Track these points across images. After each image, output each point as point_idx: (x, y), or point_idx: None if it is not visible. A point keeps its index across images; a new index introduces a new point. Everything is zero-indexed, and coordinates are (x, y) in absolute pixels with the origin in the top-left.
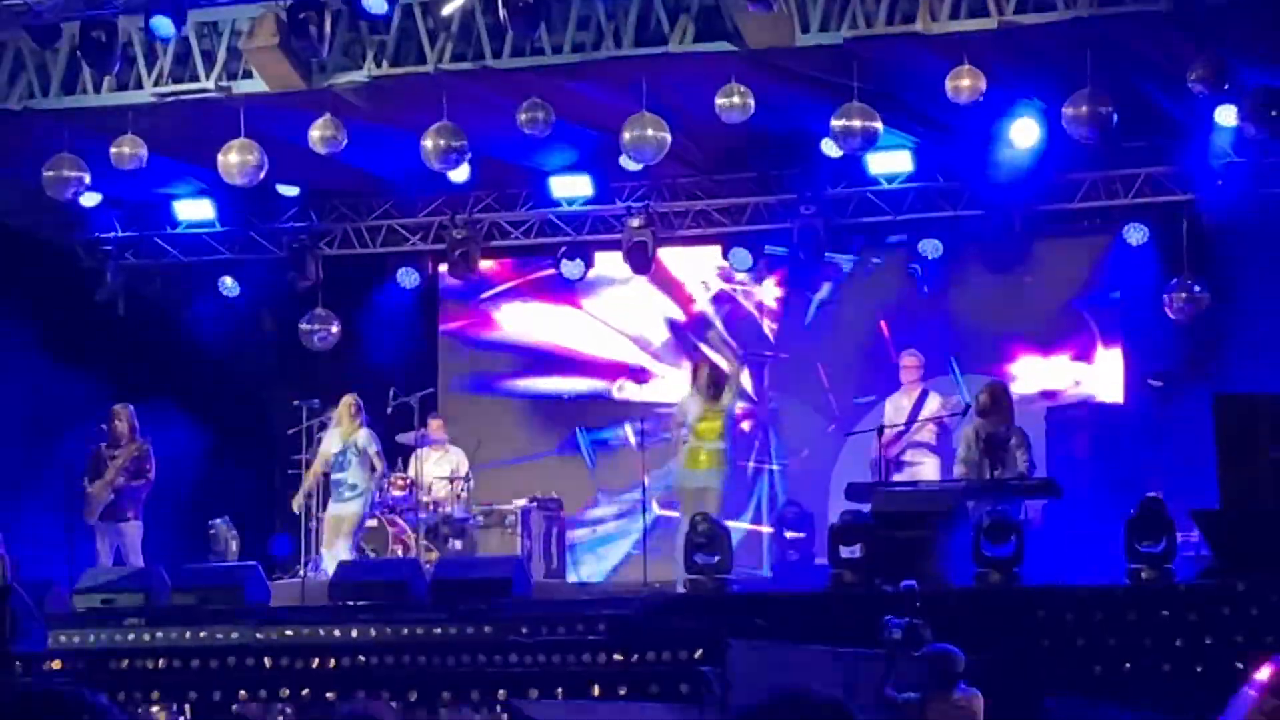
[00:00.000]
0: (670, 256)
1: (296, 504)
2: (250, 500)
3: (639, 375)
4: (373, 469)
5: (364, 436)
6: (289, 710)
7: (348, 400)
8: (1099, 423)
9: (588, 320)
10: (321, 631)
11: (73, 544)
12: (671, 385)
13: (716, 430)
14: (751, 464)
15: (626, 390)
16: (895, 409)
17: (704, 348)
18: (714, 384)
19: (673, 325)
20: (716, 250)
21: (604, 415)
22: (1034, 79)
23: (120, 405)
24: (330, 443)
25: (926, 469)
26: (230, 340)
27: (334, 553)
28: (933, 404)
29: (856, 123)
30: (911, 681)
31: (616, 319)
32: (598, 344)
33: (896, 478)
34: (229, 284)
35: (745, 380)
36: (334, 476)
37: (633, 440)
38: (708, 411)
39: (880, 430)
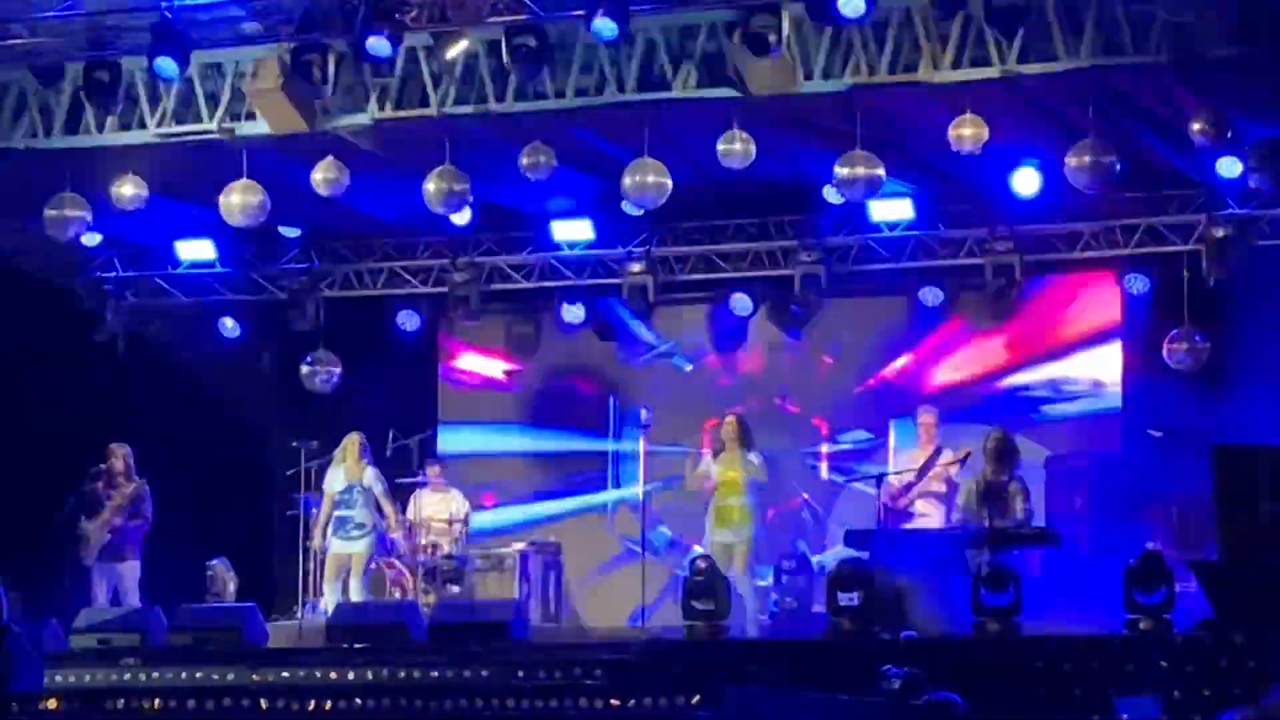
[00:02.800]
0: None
1: (316, 544)
2: (248, 541)
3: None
4: (378, 508)
5: (370, 475)
6: None
7: (353, 439)
8: (1098, 473)
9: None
10: (319, 673)
11: (70, 584)
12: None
13: (740, 484)
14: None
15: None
16: (909, 460)
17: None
18: (745, 437)
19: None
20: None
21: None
22: (1036, 128)
23: (117, 444)
24: (334, 481)
25: (933, 520)
26: (230, 381)
27: (337, 591)
28: (945, 459)
29: (859, 170)
30: None
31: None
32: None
33: (905, 527)
34: (229, 325)
35: None
36: (339, 514)
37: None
38: (731, 465)
39: (880, 478)
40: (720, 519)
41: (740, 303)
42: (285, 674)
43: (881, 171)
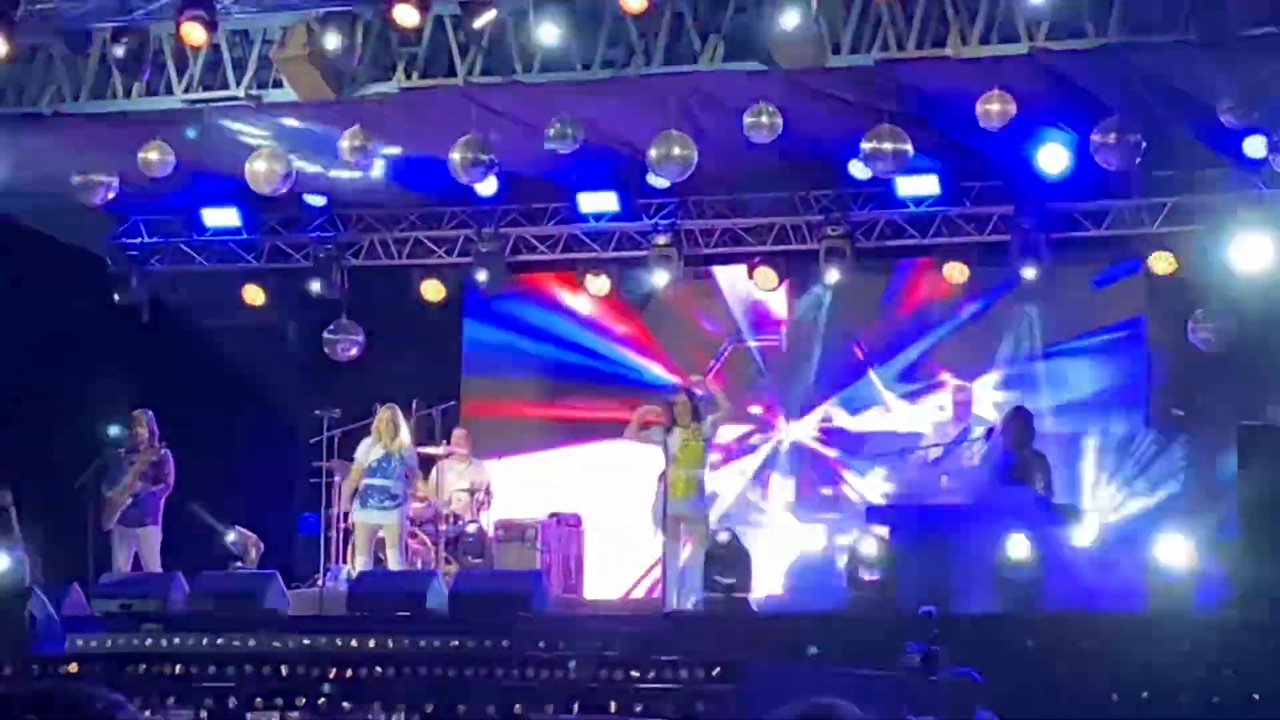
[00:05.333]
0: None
1: (353, 514)
2: (271, 509)
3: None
4: (407, 479)
5: (408, 447)
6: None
7: (388, 413)
8: (1121, 450)
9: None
10: (339, 641)
11: (91, 549)
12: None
13: (694, 458)
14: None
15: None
16: (938, 434)
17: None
18: (695, 411)
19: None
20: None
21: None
22: (1063, 105)
23: (139, 411)
24: (370, 451)
25: (957, 495)
26: (253, 349)
27: (368, 562)
28: (977, 432)
29: (886, 145)
30: (929, 706)
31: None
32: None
33: (928, 503)
34: (254, 292)
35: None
36: (372, 483)
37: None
38: (689, 437)
39: (902, 452)
40: (674, 489)
41: (765, 276)
42: (306, 641)
43: (908, 147)
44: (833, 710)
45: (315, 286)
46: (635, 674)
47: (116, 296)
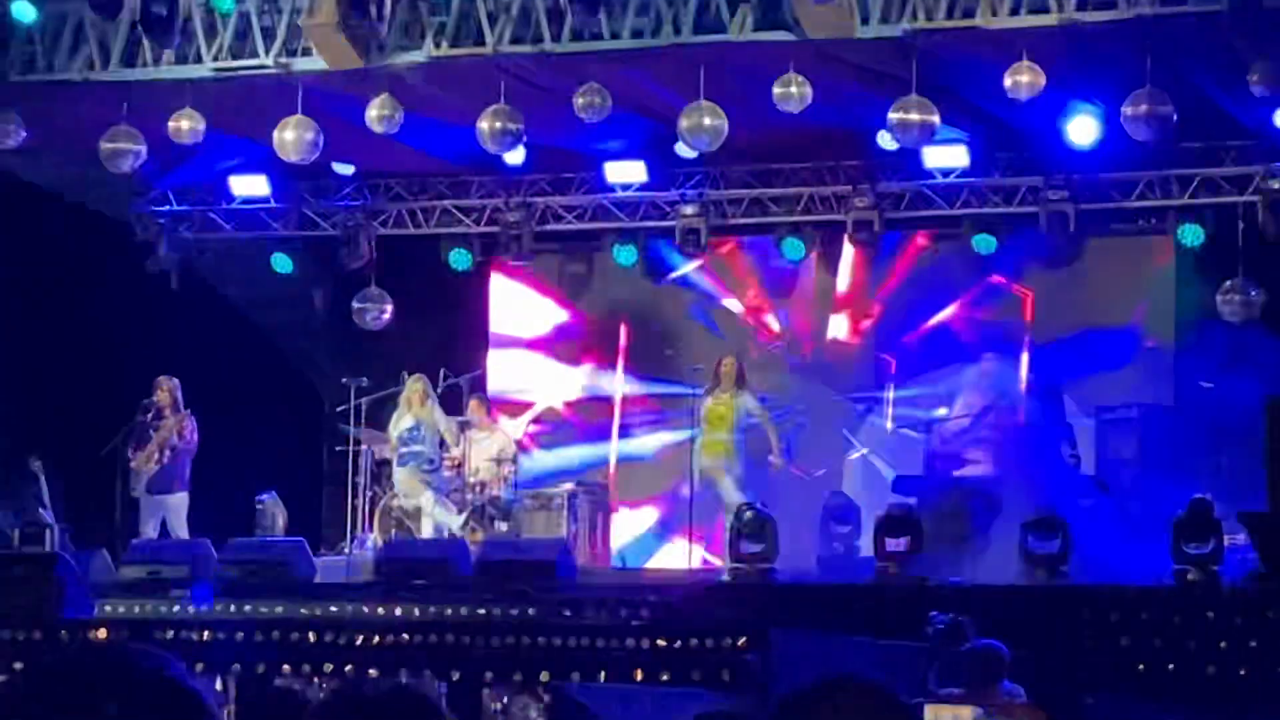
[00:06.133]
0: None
1: (395, 476)
2: (298, 477)
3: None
4: (442, 445)
5: (441, 416)
6: (331, 685)
7: (420, 385)
8: (1149, 424)
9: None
10: (366, 609)
11: (119, 516)
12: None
13: (729, 421)
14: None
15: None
16: (965, 406)
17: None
18: (740, 378)
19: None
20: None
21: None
22: (1093, 77)
23: (164, 377)
24: (400, 421)
25: (984, 468)
26: (281, 317)
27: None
28: (1002, 404)
29: (914, 116)
30: (954, 677)
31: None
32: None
33: (956, 474)
34: (282, 260)
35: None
36: (411, 449)
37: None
38: (723, 402)
39: (930, 425)
40: (706, 451)
41: (792, 247)
42: (333, 608)
43: (936, 117)
44: (856, 680)
45: (344, 255)
46: (660, 642)
47: (146, 264)
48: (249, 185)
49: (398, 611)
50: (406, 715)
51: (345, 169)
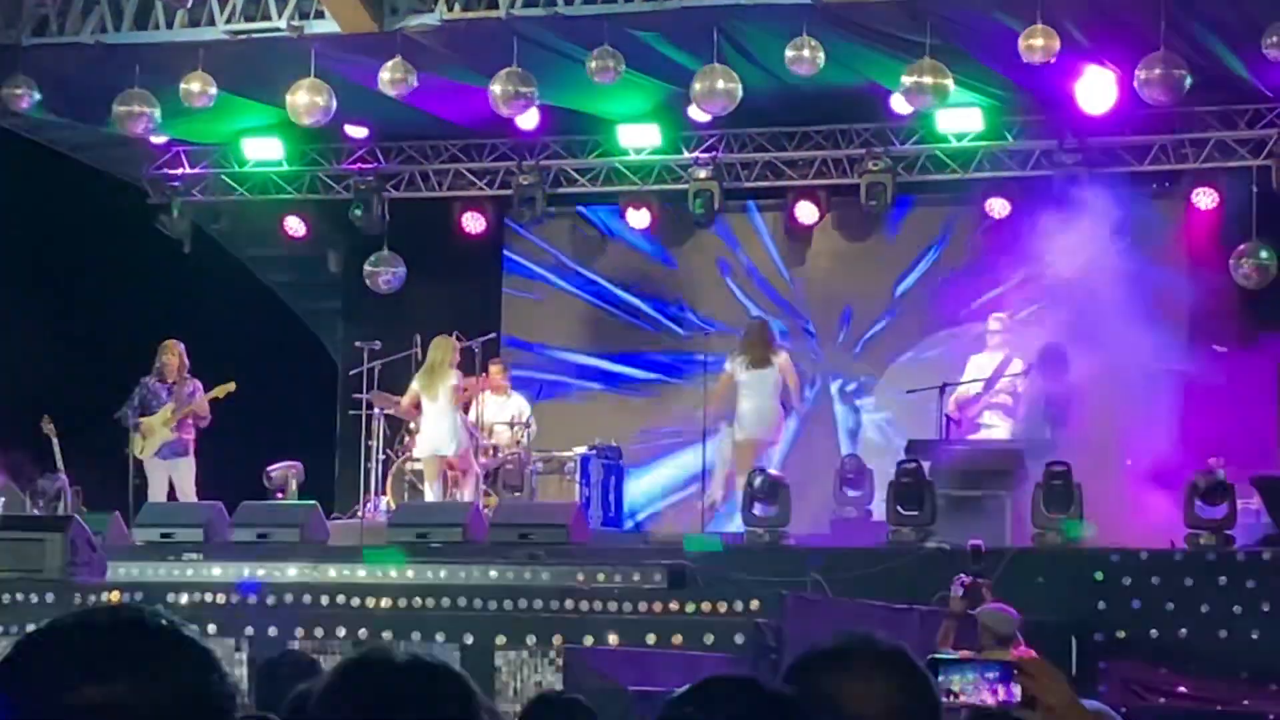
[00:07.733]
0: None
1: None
2: (311, 440)
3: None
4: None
5: (457, 377)
6: (344, 649)
7: (447, 341)
8: (1162, 387)
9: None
10: (379, 572)
11: (132, 478)
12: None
13: (765, 385)
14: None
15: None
16: (977, 369)
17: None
18: (767, 342)
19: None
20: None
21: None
22: (1107, 40)
23: (171, 341)
24: (422, 384)
25: (999, 431)
26: (294, 280)
27: (438, 491)
28: (1016, 368)
29: (928, 79)
30: (967, 640)
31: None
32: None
33: (971, 438)
34: (295, 224)
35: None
36: (431, 416)
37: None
38: (755, 369)
39: (943, 388)
40: (741, 420)
41: (806, 210)
42: (346, 572)
43: (950, 81)
44: (869, 641)
45: (357, 217)
46: (674, 606)
47: (159, 227)
48: (262, 148)
49: (410, 574)
50: (425, 683)
51: (358, 132)
